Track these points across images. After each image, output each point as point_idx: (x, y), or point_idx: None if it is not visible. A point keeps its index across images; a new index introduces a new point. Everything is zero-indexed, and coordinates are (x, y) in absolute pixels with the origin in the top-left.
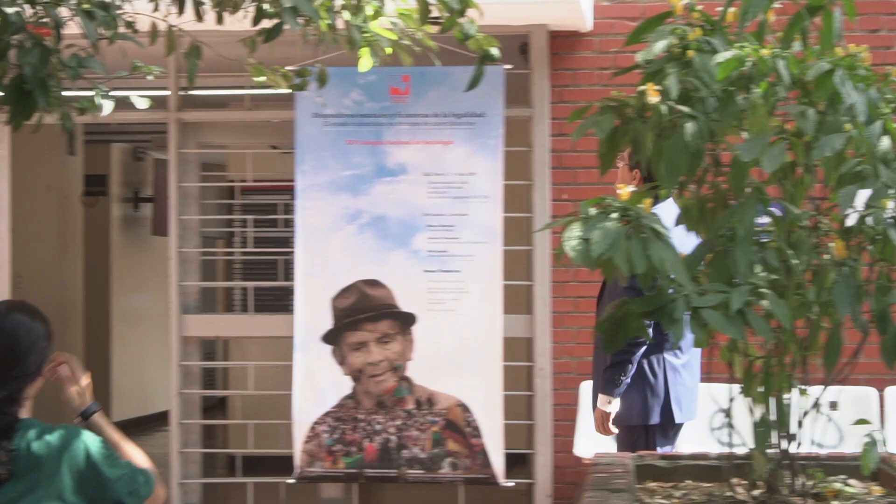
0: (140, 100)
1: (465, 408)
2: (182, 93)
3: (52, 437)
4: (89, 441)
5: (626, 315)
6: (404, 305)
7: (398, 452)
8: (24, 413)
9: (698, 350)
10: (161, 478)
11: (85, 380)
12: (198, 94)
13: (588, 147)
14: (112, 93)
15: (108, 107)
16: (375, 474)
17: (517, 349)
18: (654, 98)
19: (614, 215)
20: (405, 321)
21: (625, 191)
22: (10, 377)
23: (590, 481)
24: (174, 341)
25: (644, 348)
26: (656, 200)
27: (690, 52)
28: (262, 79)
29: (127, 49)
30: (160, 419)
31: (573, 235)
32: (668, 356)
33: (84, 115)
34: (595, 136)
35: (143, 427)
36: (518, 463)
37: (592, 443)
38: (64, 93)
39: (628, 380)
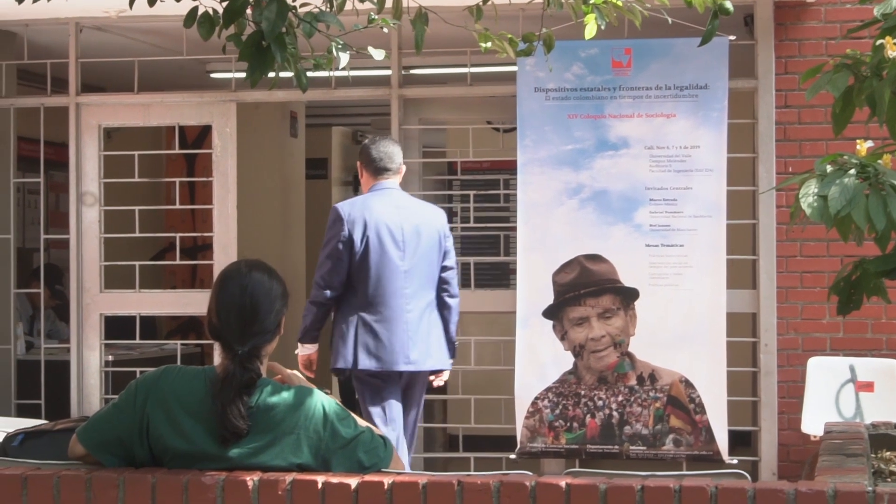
0: (376, 51)
1: (688, 384)
2: (405, 72)
3: (289, 396)
4: (325, 401)
5: (862, 275)
6: (626, 280)
7: (620, 428)
8: (262, 371)
9: (404, 314)
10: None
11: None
12: (419, 72)
13: (814, 119)
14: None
15: (344, 59)
16: (597, 450)
17: (741, 324)
18: (892, 52)
19: (852, 171)
20: (627, 296)
21: (863, 146)
22: (250, 333)
23: (825, 447)
24: None
25: (325, 307)
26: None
27: None
28: (488, 45)
29: (354, 20)
30: None
31: (810, 192)
32: (364, 315)
33: (319, 69)
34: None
35: None
36: (740, 442)
37: (821, 420)
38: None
39: (306, 326)
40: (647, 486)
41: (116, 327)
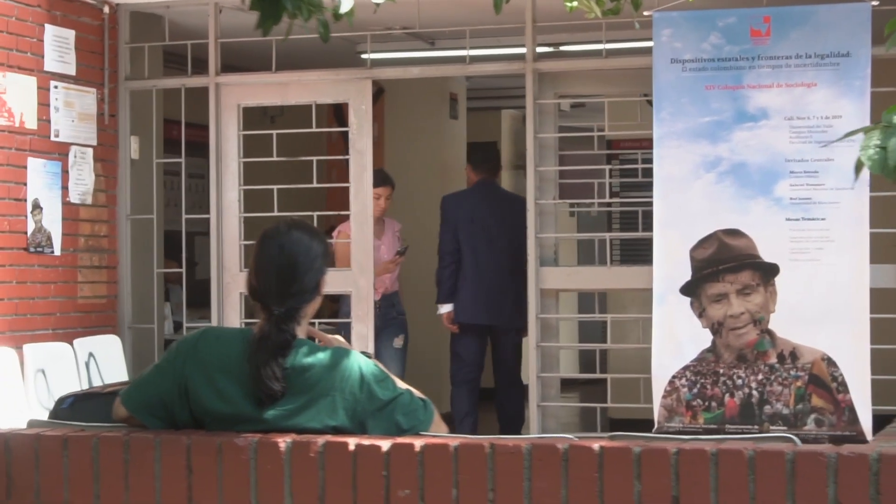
0: (345, 2)
1: (830, 362)
2: (546, 48)
3: (324, 357)
4: (362, 362)
5: None
6: (766, 255)
7: (760, 408)
8: (301, 332)
9: (486, 281)
10: (442, 418)
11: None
12: (554, 51)
13: None
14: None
15: (346, 4)
16: (736, 430)
17: (886, 301)
18: None
19: None
20: (767, 272)
21: None
22: (288, 294)
23: None
24: (532, 294)
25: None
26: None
27: None
28: (574, 4)
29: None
30: None
31: (871, 144)
32: (462, 279)
33: (339, 20)
34: None
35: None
36: (887, 422)
37: None
38: None
39: (445, 289)
40: (682, 450)
41: None
